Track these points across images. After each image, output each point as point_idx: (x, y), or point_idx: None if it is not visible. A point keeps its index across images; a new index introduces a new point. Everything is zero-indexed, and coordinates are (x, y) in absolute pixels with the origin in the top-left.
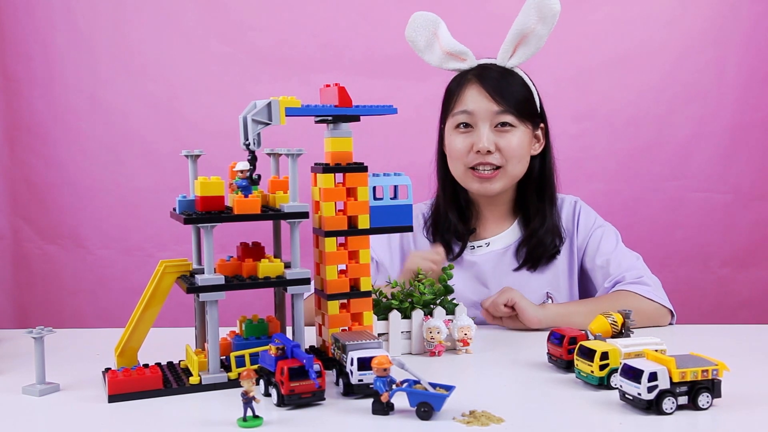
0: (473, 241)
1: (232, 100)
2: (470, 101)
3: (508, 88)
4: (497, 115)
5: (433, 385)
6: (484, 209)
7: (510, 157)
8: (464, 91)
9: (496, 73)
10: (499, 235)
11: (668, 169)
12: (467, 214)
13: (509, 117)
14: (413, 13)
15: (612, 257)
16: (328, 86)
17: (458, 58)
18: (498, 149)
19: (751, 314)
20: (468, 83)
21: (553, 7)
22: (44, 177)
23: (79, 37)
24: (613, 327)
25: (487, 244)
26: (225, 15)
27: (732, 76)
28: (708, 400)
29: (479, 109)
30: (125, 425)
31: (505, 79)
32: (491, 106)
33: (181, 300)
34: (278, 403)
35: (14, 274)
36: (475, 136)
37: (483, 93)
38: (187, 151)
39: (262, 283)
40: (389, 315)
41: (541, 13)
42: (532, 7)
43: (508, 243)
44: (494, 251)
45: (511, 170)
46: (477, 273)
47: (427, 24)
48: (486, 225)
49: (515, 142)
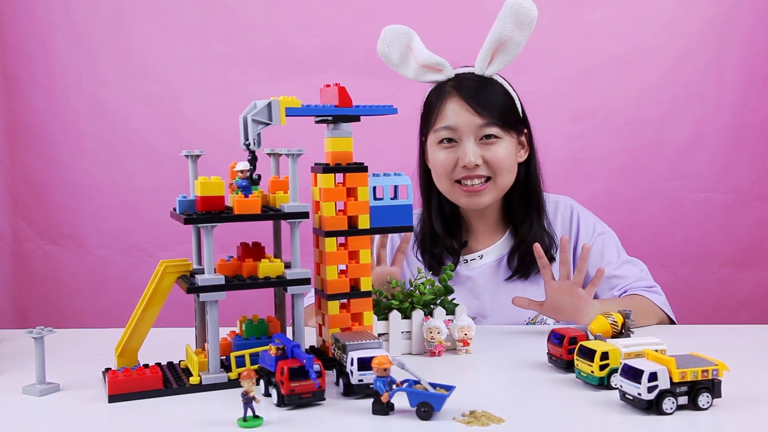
0: (466, 254)
1: (232, 100)
2: (452, 116)
3: (489, 98)
4: (481, 128)
5: (433, 385)
6: (474, 222)
7: (499, 168)
8: (445, 105)
9: (476, 83)
10: (491, 246)
11: (668, 169)
12: (455, 227)
13: (494, 129)
14: (383, 28)
15: (617, 267)
16: (328, 86)
17: (435, 70)
18: (485, 162)
19: (751, 314)
20: (448, 96)
21: (529, 14)
22: (44, 177)
23: (79, 37)
24: (613, 327)
25: (480, 257)
26: (225, 15)
27: (732, 77)
28: (708, 400)
29: (462, 123)
30: (125, 425)
31: (486, 89)
32: (474, 119)
33: (181, 300)
34: (278, 403)
35: (14, 274)
36: (459, 150)
37: (464, 106)
38: (187, 151)
39: (262, 283)
40: (389, 315)
41: (517, 20)
42: (508, 14)
43: (502, 254)
44: (488, 264)
45: (501, 182)
46: (473, 287)
47: (399, 38)
48: (477, 237)
49: (502, 153)
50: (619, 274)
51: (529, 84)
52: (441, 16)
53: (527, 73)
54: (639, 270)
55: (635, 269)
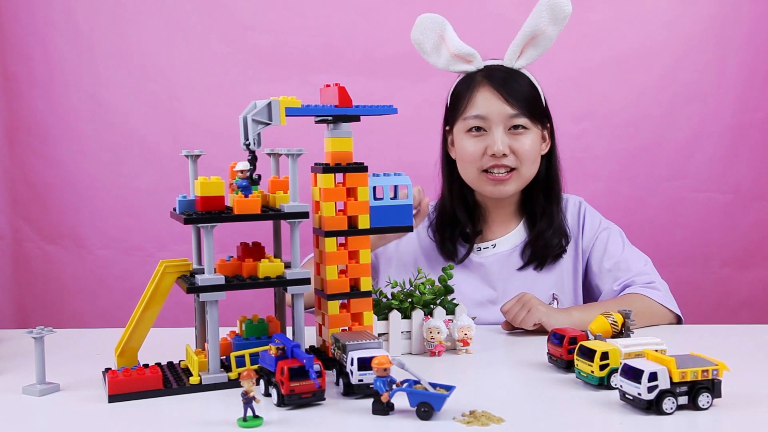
0: (479, 242)
1: (232, 100)
2: (483, 104)
3: (519, 89)
4: (511, 118)
5: (433, 385)
6: (492, 211)
7: (524, 159)
8: (475, 94)
9: (505, 74)
10: (506, 236)
11: (668, 169)
12: (476, 215)
13: (523, 119)
14: (419, 15)
15: (620, 260)
16: (328, 86)
17: (465, 60)
18: (512, 151)
19: (751, 314)
20: (478, 86)
21: (565, 9)
22: (44, 177)
23: (79, 37)
24: (613, 327)
25: (493, 246)
26: (225, 15)
27: (732, 76)
28: (708, 400)
29: (493, 112)
30: (125, 425)
31: (515, 80)
32: (505, 108)
33: (181, 300)
34: (278, 403)
35: (14, 274)
36: (488, 139)
37: (496, 95)
38: (187, 151)
39: (262, 283)
40: (389, 315)
41: (553, 14)
42: (544, 9)
43: (515, 244)
44: (501, 252)
45: (525, 172)
46: (484, 275)
47: (434, 26)
48: (492, 226)
49: (528, 144)
50: (622, 267)
51: None
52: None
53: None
54: (642, 264)
55: (638, 263)
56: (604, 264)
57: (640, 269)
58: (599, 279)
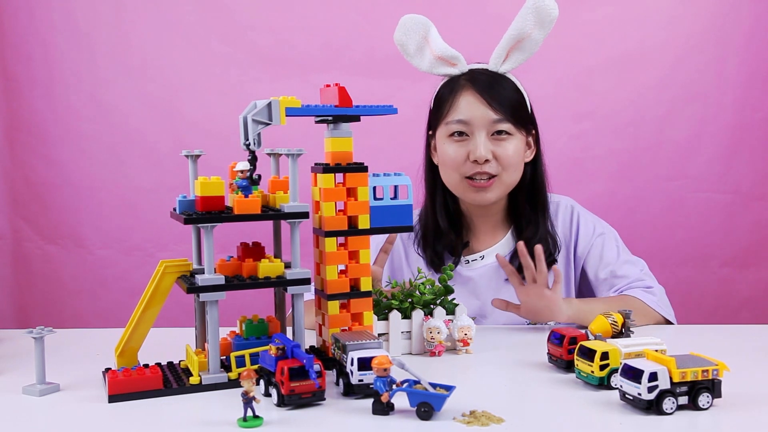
0: (467, 255)
1: (232, 100)
2: (466, 109)
3: (503, 94)
4: (494, 123)
5: (433, 385)
6: (477, 220)
7: (506, 165)
8: (458, 99)
9: (490, 78)
10: (493, 247)
11: (668, 169)
12: (458, 224)
13: (506, 125)
14: (402, 16)
15: (616, 268)
16: (328, 86)
17: (449, 63)
18: (495, 157)
19: (751, 314)
20: (462, 90)
21: (551, 12)
22: (44, 177)
23: (79, 37)
24: (613, 327)
25: (481, 257)
26: (225, 15)
27: (732, 76)
28: (708, 400)
29: (475, 117)
30: (125, 425)
31: (500, 84)
32: (488, 113)
33: (181, 300)
34: (278, 403)
35: (14, 274)
36: (470, 144)
37: (479, 100)
38: (187, 151)
39: (262, 283)
40: (389, 315)
41: (539, 18)
42: (530, 12)
43: (503, 254)
44: (489, 264)
45: (507, 179)
46: (473, 288)
47: (418, 27)
48: (479, 237)
49: (511, 150)
50: (619, 275)
51: (529, 84)
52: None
53: (527, 72)
54: (639, 270)
55: (635, 269)
56: (600, 274)
57: (636, 275)
58: (595, 288)
